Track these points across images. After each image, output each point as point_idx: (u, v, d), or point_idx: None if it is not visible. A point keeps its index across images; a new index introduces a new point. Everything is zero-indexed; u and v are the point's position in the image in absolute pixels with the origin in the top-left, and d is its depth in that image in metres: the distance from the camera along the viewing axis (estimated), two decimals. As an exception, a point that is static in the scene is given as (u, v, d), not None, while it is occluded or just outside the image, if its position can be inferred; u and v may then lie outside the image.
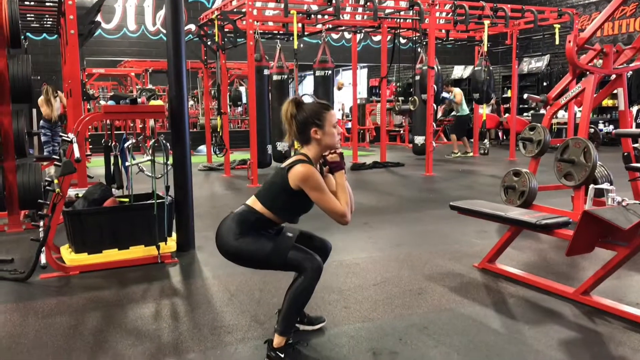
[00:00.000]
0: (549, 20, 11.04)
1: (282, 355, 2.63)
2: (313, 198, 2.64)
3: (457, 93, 12.24)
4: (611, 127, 14.03)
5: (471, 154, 12.24)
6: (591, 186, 4.89)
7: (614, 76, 5.49)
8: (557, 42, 10.93)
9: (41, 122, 9.44)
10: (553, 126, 11.89)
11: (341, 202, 2.69)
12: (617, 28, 14.10)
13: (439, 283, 3.82)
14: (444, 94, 11.64)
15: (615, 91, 5.75)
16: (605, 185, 4.91)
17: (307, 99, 2.81)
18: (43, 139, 9.38)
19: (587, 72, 5.42)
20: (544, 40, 12.39)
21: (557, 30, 10.86)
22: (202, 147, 12.84)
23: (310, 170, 2.61)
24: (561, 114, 12.38)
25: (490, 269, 4.06)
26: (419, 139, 11.35)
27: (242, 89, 16.66)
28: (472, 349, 2.80)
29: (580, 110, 5.74)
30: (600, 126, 13.75)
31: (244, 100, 16.43)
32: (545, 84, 15.37)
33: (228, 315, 3.28)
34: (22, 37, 5.53)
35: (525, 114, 15.04)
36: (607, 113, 14.27)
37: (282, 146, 9.95)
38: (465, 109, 12.34)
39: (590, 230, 3.17)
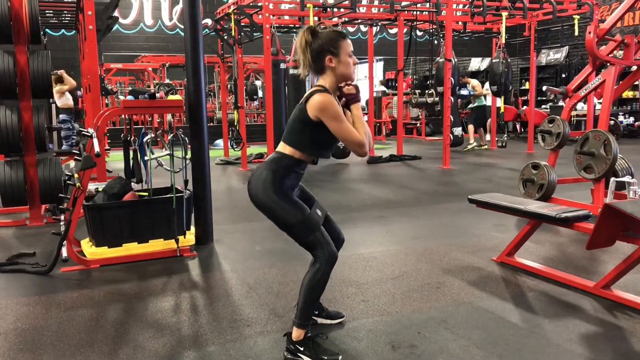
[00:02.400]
0: (568, 11, 10.89)
1: (302, 349, 2.64)
2: (331, 128, 2.56)
3: (476, 85, 12.16)
4: (632, 119, 13.85)
5: (486, 147, 12.12)
6: (612, 179, 4.85)
7: (634, 67, 5.42)
8: (576, 34, 10.78)
9: (60, 116, 9.26)
10: (572, 118, 11.74)
11: (359, 132, 2.62)
12: (637, 18, 13.87)
13: (457, 277, 3.81)
14: (463, 91, 11.55)
15: (636, 82, 5.67)
16: (627, 178, 4.86)
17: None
18: (64, 133, 9.16)
19: (608, 64, 5.35)
20: (562, 31, 12.21)
21: (576, 21, 10.72)
22: (219, 141, 12.89)
23: (328, 99, 2.56)
24: (580, 106, 12.22)
25: (509, 263, 4.04)
26: (457, 131, 11.61)
27: (258, 83, 16.67)
28: (491, 343, 2.79)
29: (600, 102, 5.67)
30: (621, 118, 13.58)
31: (260, 94, 16.45)
32: (563, 75, 15.19)
33: (247, 308, 3.31)
34: (42, 33, 5.58)
35: (543, 106, 14.88)
36: (628, 105, 14.08)
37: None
38: (482, 100, 12.26)
39: (611, 223, 3.14)
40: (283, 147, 2.69)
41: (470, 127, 12.35)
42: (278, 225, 2.69)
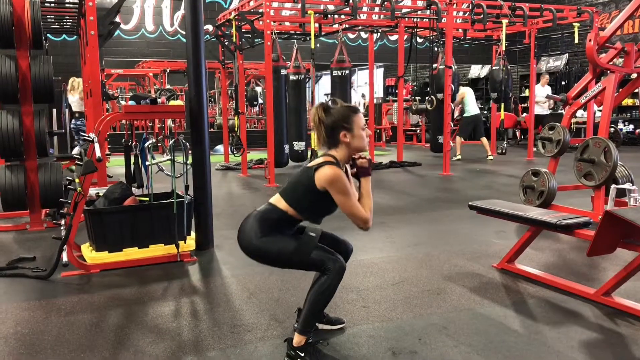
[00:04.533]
0: (568, 18, 10.93)
1: (302, 354, 2.64)
2: (337, 201, 2.64)
3: (460, 93, 11.62)
4: (632, 126, 13.87)
5: (491, 157, 11.51)
6: (613, 186, 4.85)
7: (634, 75, 5.43)
8: (576, 41, 10.81)
9: (78, 121, 9.22)
10: (572, 126, 11.75)
11: (365, 208, 2.70)
12: (637, 26, 13.91)
13: (458, 283, 3.81)
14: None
15: (636, 90, 5.68)
16: (627, 185, 4.86)
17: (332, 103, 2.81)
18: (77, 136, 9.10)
19: (608, 71, 5.36)
20: (562, 39, 12.25)
21: (576, 29, 10.75)
22: (220, 147, 12.90)
23: (337, 173, 2.61)
24: (580, 113, 12.23)
25: (509, 269, 4.03)
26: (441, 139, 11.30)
27: (259, 89, 16.70)
28: (492, 350, 2.79)
29: (600, 110, 5.68)
30: (621, 125, 13.60)
31: (260, 100, 16.47)
32: (563, 83, 15.21)
33: (247, 314, 3.30)
34: (44, 38, 5.59)
35: (543, 113, 14.90)
36: (628, 112, 14.10)
37: (298, 146, 9.97)
38: (470, 110, 11.69)
39: (612, 230, 3.14)
40: (278, 201, 2.75)
41: (457, 139, 11.77)
42: (276, 264, 2.78)
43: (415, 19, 10.63)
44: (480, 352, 2.75)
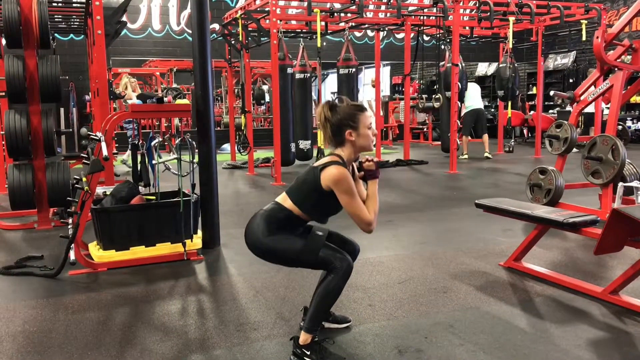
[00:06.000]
0: (575, 16, 10.87)
1: (308, 353, 2.64)
2: (342, 202, 2.64)
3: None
4: (639, 124, 13.79)
5: (488, 156, 11.31)
6: (620, 184, 4.83)
7: (643, 72, 5.40)
8: (584, 39, 10.75)
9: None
10: (580, 123, 11.69)
11: (369, 210, 2.70)
12: (645, 23, 13.82)
13: (465, 281, 3.80)
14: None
15: (644, 87, 5.65)
16: (635, 183, 4.84)
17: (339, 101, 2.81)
18: (129, 133, 9.05)
19: (616, 69, 5.33)
20: (570, 36, 12.19)
21: (583, 26, 10.69)
22: (226, 146, 12.93)
23: (343, 173, 2.62)
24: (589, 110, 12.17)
25: (516, 268, 4.02)
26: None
27: (265, 88, 16.71)
28: (498, 348, 2.78)
29: (607, 107, 5.65)
30: (629, 123, 13.52)
31: (267, 98, 16.49)
32: (571, 80, 15.14)
33: (254, 312, 3.31)
34: (51, 37, 5.61)
35: (550, 111, 14.84)
36: (636, 110, 14.01)
37: (304, 144, 9.97)
38: (470, 104, 11.42)
39: (620, 228, 3.13)
40: (284, 200, 2.75)
41: (464, 138, 11.43)
42: (284, 263, 2.79)
43: (421, 17, 10.61)
44: (486, 351, 2.75)
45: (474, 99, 11.52)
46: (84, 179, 4.11)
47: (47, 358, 2.76)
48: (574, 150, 5.83)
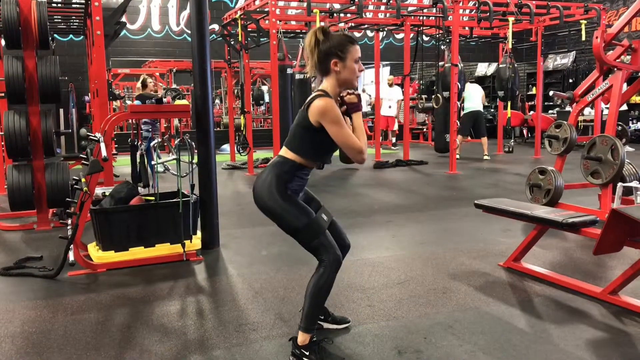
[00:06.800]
0: (575, 16, 10.87)
1: (307, 353, 2.64)
2: (331, 132, 2.57)
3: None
4: (639, 124, 13.78)
5: (487, 157, 11.25)
6: (619, 184, 4.83)
7: (642, 72, 5.40)
8: (583, 39, 10.75)
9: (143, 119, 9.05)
10: (579, 124, 11.69)
11: (360, 140, 2.63)
12: (645, 23, 13.82)
13: (464, 282, 3.80)
14: None
15: (643, 87, 5.65)
16: (634, 184, 4.84)
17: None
18: (144, 134, 8.92)
19: (615, 69, 5.33)
20: (569, 36, 12.18)
21: (583, 26, 10.69)
22: (226, 146, 12.93)
23: (328, 103, 2.56)
24: (587, 111, 12.17)
25: (515, 268, 4.02)
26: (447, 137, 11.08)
27: (265, 88, 16.71)
28: (498, 348, 2.78)
29: (607, 107, 5.65)
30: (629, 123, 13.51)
31: (267, 99, 16.48)
32: (571, 80, 15.14)
33: (253, 313, 3.31)
34: (50, 38, 5.61)
35: (550, 111, 14.85)
36: (636, 110, 14.01)
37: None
38: (468, 106, 11.45)
39: (619, 229, 3.13)
40: (285, 152, 2.72)
41: (459, 137, 10.98)
42: (284, 229, 2.70)
43: (421, 17, 10.61)
44: (485, 351, 2.75)
45: (473, 100, 11.49)
46: (83, 180, 4.11)
47: (46, 359, 2.76)
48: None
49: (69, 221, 4.34)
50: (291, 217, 2.63)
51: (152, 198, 4.68)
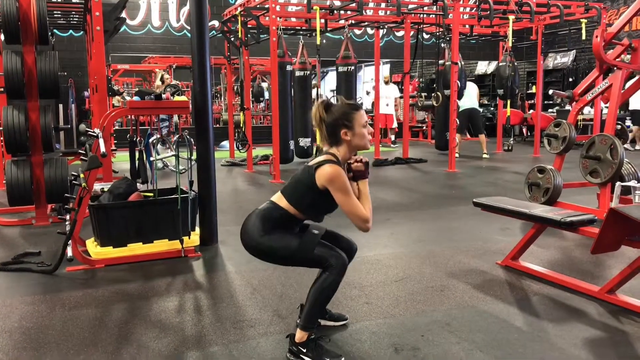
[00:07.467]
0: (575, 15, 10.85)
1: (304, 350, 2.64)
2: (338, 200, 2.64)
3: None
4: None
5: (486, 156, 11.27)
6: (618, 183, 4.83)
7: (642, 72, 5.39)
8: (583, 38, 10.74)
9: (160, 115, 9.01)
10: (579, 122, 11.68)
11: (365, 208, 2.69)
12: (645, 23, 13.81)
13: (462, 280, 3.80)
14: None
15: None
16: (633, 183, 4.84)
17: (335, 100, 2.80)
18: (164, 132, 8.86)
19: (615, 68, 5.33)
20: (570, 35, 12.18)
21: (583, 25, 10.68)
22: (225, 143, 12.91)
23: (337, 171, 2.61)
24: (587, 110, 12.16)
25: (513, 267, 4.02)
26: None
27: (264, 85, 16.70)
28: (495, 347, 2.78)
29: (606, 107, 5.65)
30: (628, 123, 13.50)
31: (266, 96, 16.47)
32: (571, 79, 15.13)
33: (250, 310, 3.31)
34: (50, 34, 5.60)
35: (550, 110, 14.84)
36: (628, 109, 13.98)
37: (304, 142, 9.96)
38: (462, 104, 11.23)
39: (617, 228, 3.13)
40: (279, 199, 2.75)
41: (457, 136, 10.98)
42: (279, 262, 2.79)
43: (421, 15, 10.60)
44: (482, 349, 2.75)
45: (466, 98, 11.43)
46: (82, 176, 4.11)
47: (44, 354, 2.77)
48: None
49: (68, 217, 4.33)
50: (282, 244, 2.67)
51: (151, 194, 4.68)
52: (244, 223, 2.78)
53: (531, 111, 14.40)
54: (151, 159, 4.84)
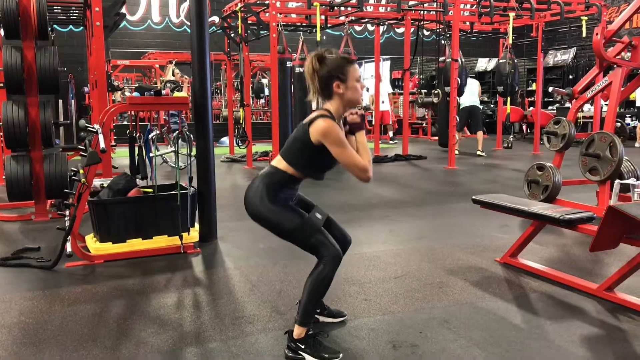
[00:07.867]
0: (575, 12, 10.84)
1: (303, 346, 2.65)
2: (334, 153, 2.60)
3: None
4: (638, 121, 13.77)
5: (481, 154, 11.19)
6: (617, 181, 4.83)
7: (642, 69, 5.38)
8: (584, 35, 10.73)
9: (170, 111, 8.99)
10: (578, 120, 11.69)
11: (363, 158, 2.66)
12: (646, 20, 13.79)
13: (460, 277, 3.81)
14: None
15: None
16: (632, 181, 4.84)
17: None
18: (172, 126, 8.89)
19: (615, 65, 5.32)
20: (570, 32, 12.18)
21: (584, 23, 10.67)
22: (225, 139, 12.91)
23: (330, 125, 2.58)
24: (586, 107, 12.15)
25: (512, 264, 4.03)
26: None
27: (264, 81, 16.68)
28: (493, 344, 2.79)
29: (606, 104, 5.65)
30: (627, 120, 13.50)
31: (266, 92, 16.45)
32: (571, 77, 15.13)
33: (249, 306, 3.32)
34: (49, 29, 5.59)
35: (550, 107, 14.84)
36: (634, 107, 13.99)
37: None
38: (461, 101, 11.26)
39: (615, 225, 3.13)
40: (278, 162, 2.73)
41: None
42: (278, 234, 2.75)
43: (421, 12, 10.59)
44: (480, 346, 2.76)
45: (467, 96, 11.39)
46: (82, 171, 4.11)
47: (42, 350, 2.77)
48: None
49: (67, 212, 4.34)
50: (284, 219, 2.66)
51: (151, 190, 4.68)
52: (247, 188, 2.75)
53: (531, 108, 14.39)
54: (151, 155, 4.84)
